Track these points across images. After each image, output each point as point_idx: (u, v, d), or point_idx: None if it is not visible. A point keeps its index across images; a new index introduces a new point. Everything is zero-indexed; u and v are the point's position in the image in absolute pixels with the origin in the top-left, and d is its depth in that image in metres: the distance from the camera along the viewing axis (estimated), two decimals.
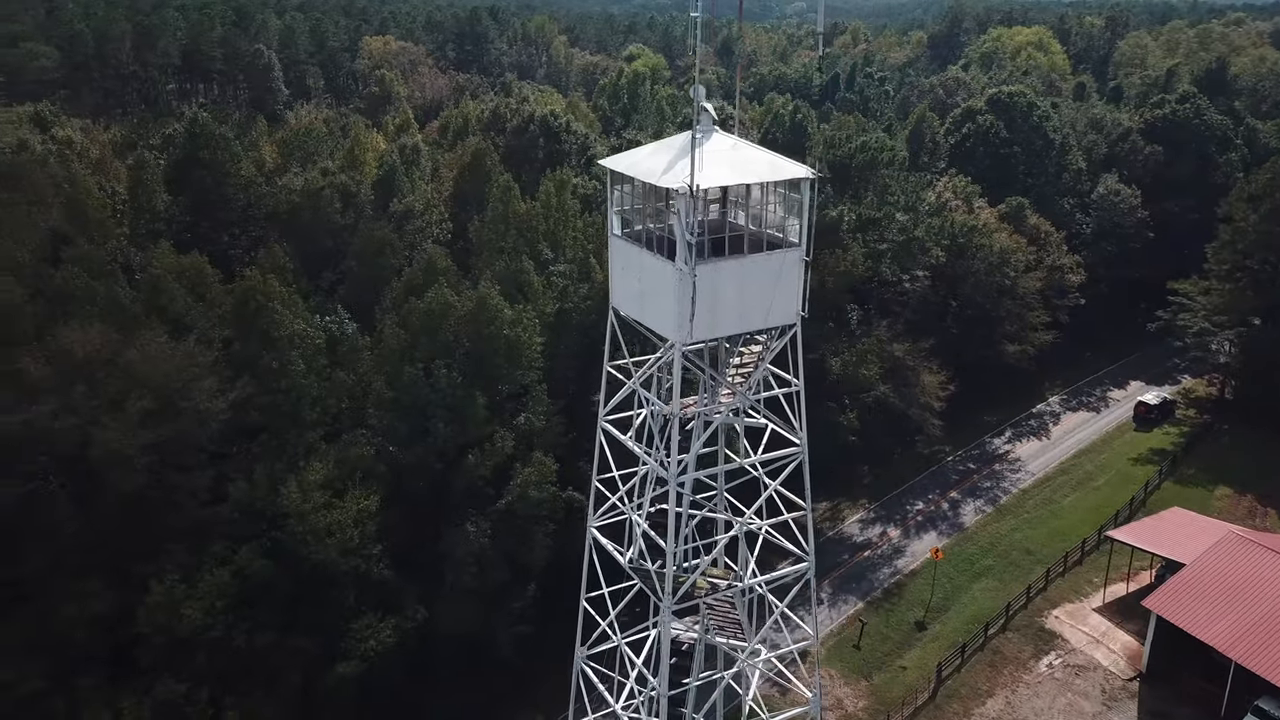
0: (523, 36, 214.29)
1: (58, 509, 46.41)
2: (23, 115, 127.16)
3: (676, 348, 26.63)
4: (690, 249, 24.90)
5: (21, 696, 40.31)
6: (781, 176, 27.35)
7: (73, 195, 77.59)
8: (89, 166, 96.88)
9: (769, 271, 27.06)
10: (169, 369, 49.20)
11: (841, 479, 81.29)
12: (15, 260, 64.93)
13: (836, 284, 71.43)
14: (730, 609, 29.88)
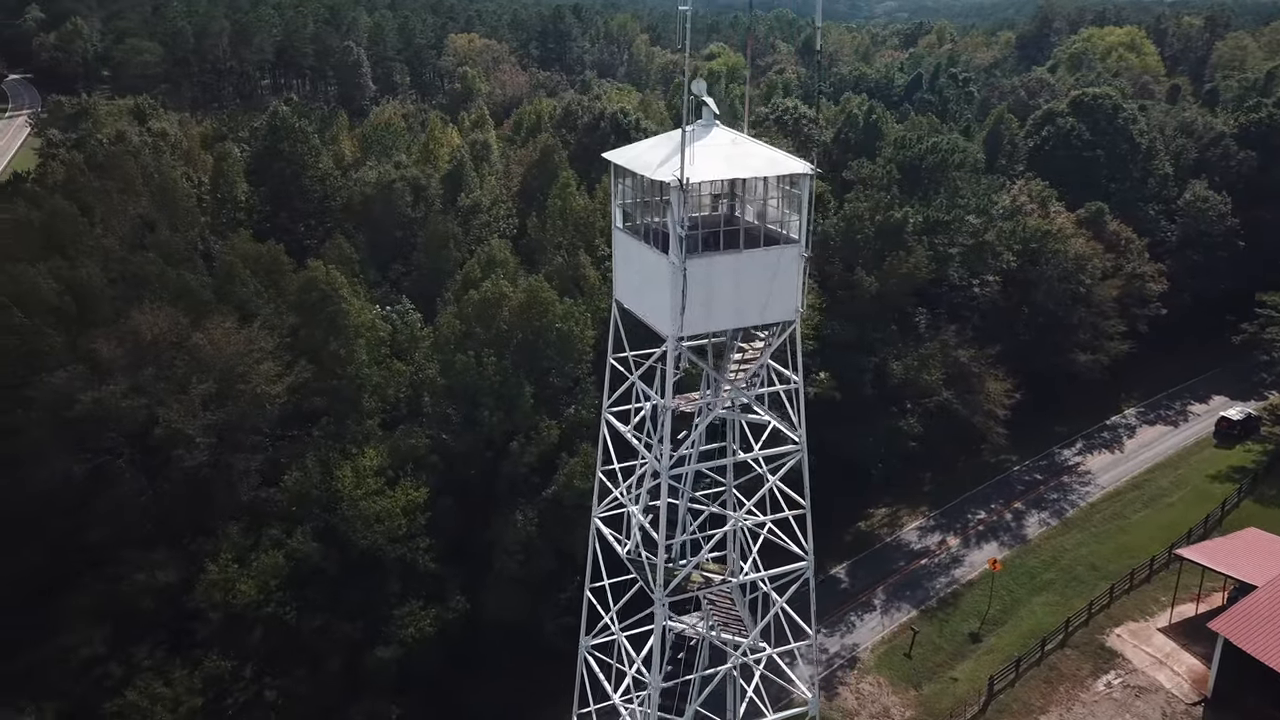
0: (605, 35, 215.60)
1: (125, 484, 48.55)
2: (124, 108, 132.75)
3: (669, 341, 26.79)
4: (681, 242, 25.05)
5: (81, 661, 42.29)
6: (779, 171, 27.18)
7: (159, 185, 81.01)
8: (180, 158, 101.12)
9: (766, 267, 26.92)
10: (231, 353, 51.04)
11: (902, 485, 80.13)
12: (103, 246, 68.17)
13: (899, 287, 70.31)
14: (730, 605, 29.79)
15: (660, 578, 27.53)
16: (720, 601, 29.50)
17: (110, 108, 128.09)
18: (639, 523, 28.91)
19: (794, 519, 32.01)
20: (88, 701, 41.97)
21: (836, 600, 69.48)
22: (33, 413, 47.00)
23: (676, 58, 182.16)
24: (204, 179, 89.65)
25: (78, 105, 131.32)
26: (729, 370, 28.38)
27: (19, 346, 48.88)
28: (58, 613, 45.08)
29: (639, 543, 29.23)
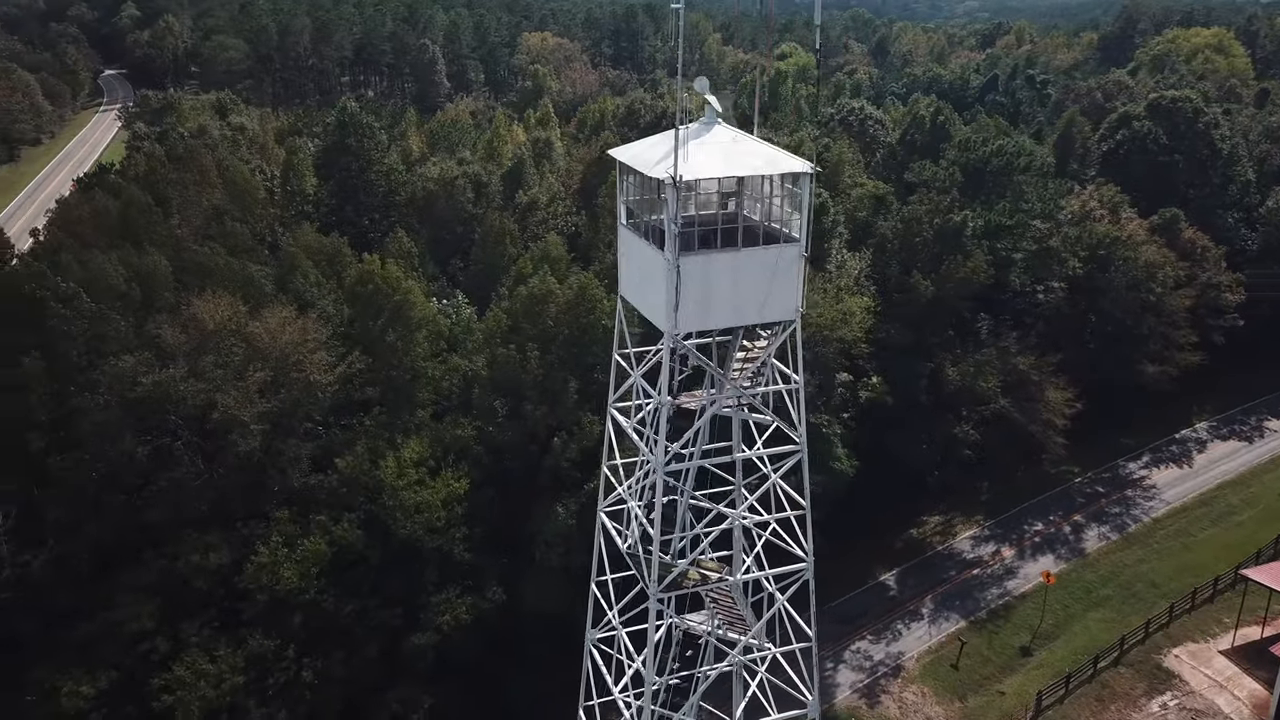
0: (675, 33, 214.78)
1: (183, 466, 50.27)
2: (206, 103, 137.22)
3: (666, 337, 26.78)
4: (675, 239, 25.03)
5: (130, 635, 43.95)
6: (778, 170, 27.01)
7: (231, 177, 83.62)
8: (255, 152, 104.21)
9: (765, 266, 26.77)
10: (286, 342, 52.48)
11: (958, 493, 78.70)
12: (175, 235, 70.68)
13: (956, 291, 69.06)
14: (732, 603, 29.66)
15: (655, 573, 27.61)
16: (723, 600, 29.42)
17: (194, 102, 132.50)
18: (638, 518, 29.01)
19: (795, 519, 31.70)
20: (136, 674, 43.64)
21: (883, 607, 68.64)
22: (98, 395, 48.92)
23: (748, 57, 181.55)
24: (276, 172, 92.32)
25: (163, 100, 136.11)
26: (732, 369, 28.28)
27: (87, 331, 50.91)
28: (115, 588, 46.85)
29: (638, 538, 29.31)
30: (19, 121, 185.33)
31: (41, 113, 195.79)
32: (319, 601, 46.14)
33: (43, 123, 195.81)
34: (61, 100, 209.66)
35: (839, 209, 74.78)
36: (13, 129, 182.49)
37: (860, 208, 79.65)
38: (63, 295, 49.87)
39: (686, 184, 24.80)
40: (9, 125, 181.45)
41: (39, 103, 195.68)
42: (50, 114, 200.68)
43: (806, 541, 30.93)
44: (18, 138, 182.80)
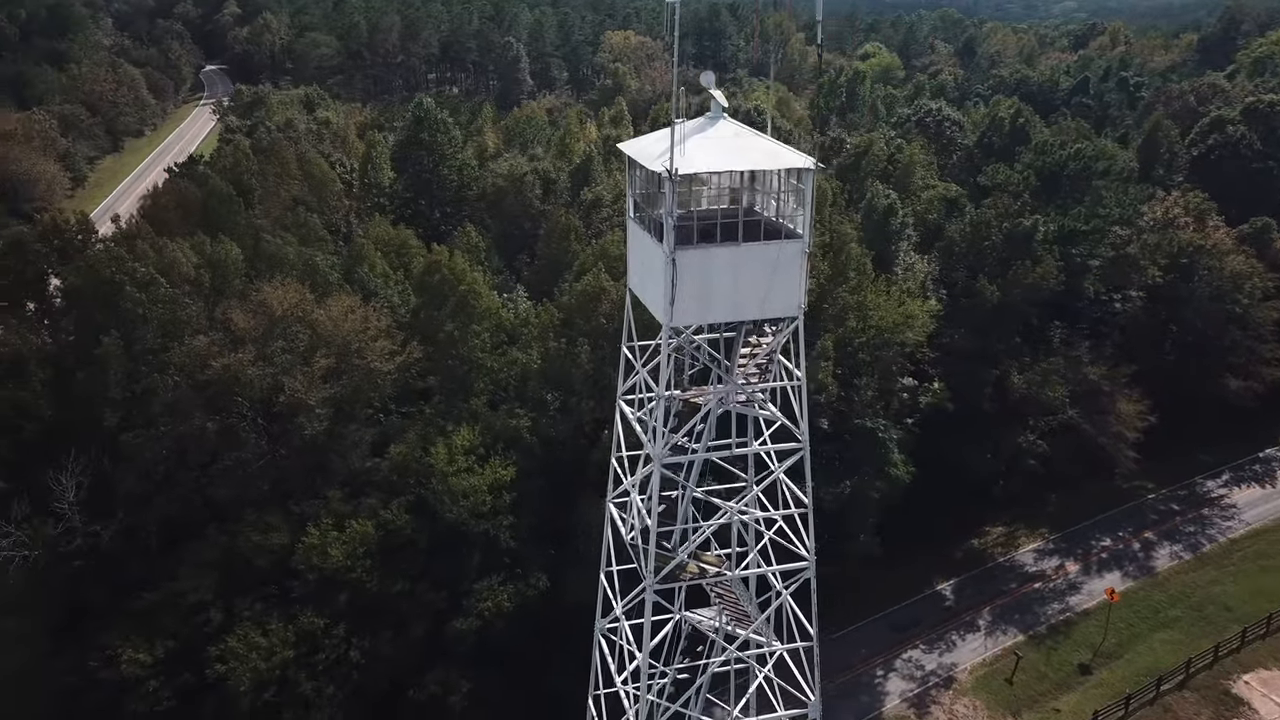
0: (760, 33, 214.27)
1: (248, 446, 52.18)
2: (295, 97, 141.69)
3: (665, 329, 26.76)
4: (670, 232, 25.01)
5: (189, 606, 45.80)
6: (778, 165, 26.77)
7: (310, 170, 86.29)
8: (337, 145, 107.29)
9: (765, 261, 26.57)
10: (349, 330, 54.01)
11: (1023, 504, 76.84)
12: (254, 224, 73.23)
13: (1024, 297, 67.41)
14: (736, 598, 29.53)
15: (650, 564, 27.72)
16: (727, 596, 29.37)
17: (282, 97, 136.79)
18: (638, 509, 29.14)
19: (798, 517, 31.43)
20: (193, 643, 45.45)
21: (938, 617, 67.45)
22: (169, 376, 51.07)
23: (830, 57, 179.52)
24: (355, 165, 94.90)
25: (254, 94, 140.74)
26: (736, 365, 28.20)
27: (161, 314, 53.15)
28: (179, 561, 48.89)
29: (640, 530, 29.45)
30: (124, 114, 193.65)
31: (145, 106, 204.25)
32: (366, 581, 47.37)
33: (146, 115, 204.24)
34: (164, 94, 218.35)
35: (907, 211, 73.69)
36: (118, 121, 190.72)
37: (931, 210, 78.37)
38: (139, 280, 52.14)
39: (685, 178, 24.98)
40: (115, 118, 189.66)
41: (143, 96, 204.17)
42: (153, 107, 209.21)
43: (808, 540, 30.65)
44: (122, 129, 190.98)
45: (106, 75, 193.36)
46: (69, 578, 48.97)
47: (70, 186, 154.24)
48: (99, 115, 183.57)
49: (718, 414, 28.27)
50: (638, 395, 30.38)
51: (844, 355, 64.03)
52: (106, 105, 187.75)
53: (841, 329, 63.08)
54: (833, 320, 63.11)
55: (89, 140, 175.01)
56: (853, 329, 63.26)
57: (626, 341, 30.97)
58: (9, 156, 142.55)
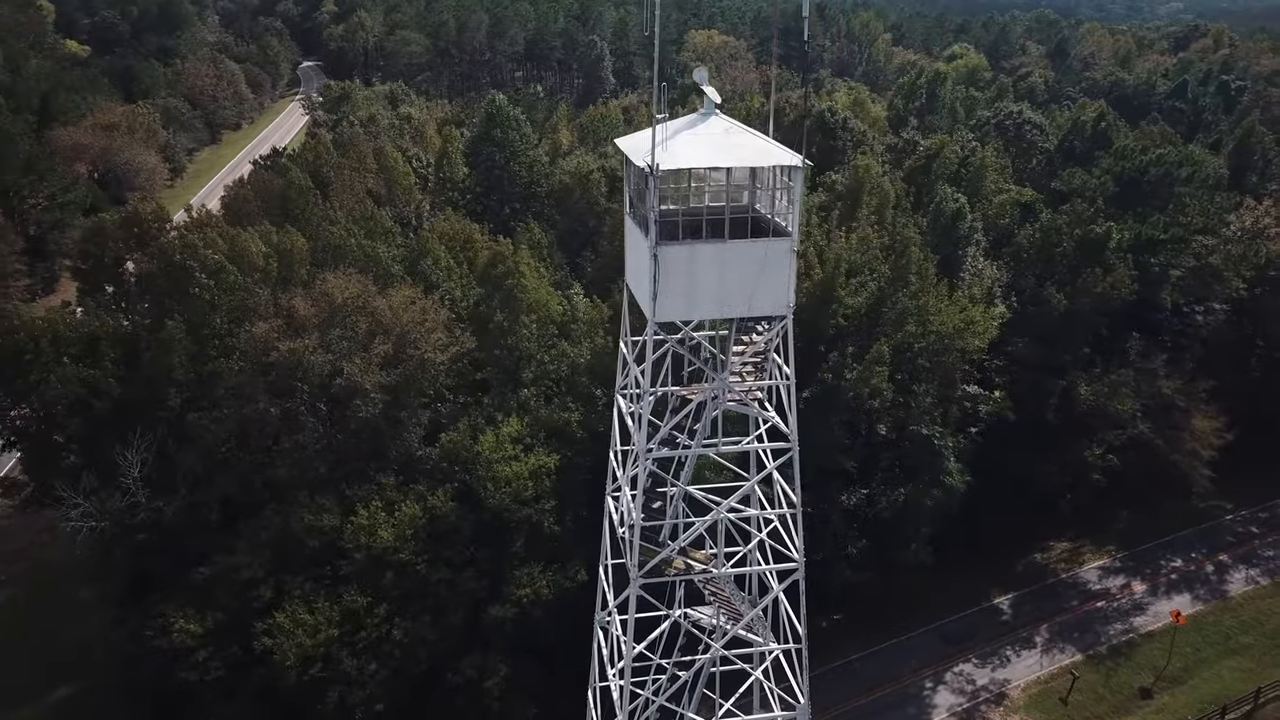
0: (846, 33, 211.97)
1: (307, 429, 53.83)
2: (380, 93, 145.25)
3: (650, 324, 26.66)
4: (653, 226, 24.93)
5: (242, 582, 47.51)
6: (765, 162, 26.53)
7: (386, 164, 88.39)
8: (417, 140, 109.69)
9: (752, 259, 26.30)
10: (407, 320, 55.29)
11: (1091, 520, 74.59)
12: (329, 216, 75.37)
13: (1093, 306, 65.31)
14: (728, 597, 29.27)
15: (635, 557, 27.69)
16: (720, 594, 29.20)
17: (367, 93, 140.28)
18: (628, 503, 29.16)
19: (789, 518, 31.03)
20: (242, 617, 47.13)
21: (993, 631, 65.92)
22: (233, 360, 53.03)
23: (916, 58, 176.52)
24: (431, 160, 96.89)
25: (341, 90, 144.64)
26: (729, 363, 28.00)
27: (229, 300, 55.19)
28: (236, 537, 50.75)
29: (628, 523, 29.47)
30: (223, 108, 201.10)
31: (243, 100, 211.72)
32: (413, 564, 48.45)
33: (244, 109, 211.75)
34: (262, 89, 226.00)
35: (976, 216, 72.09)
36: (217, 114, 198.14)
37: (1003, 215, 76.50)
38: (208, 266, 54.23)
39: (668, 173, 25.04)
40: (214, 111, 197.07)
41: (242, 90, 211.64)
42: (251, 101, 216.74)
43: (797, 541, 30.35)
44: (220, 123, 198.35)
45: (208, 70, 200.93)
46: (133, 549, 51.24)
47: (169, 177, 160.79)
48: (199, 109, 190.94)
49: (712, 413, 28.22)
50: (632, 390, 30.49)
51: (903, 360, 63.04)
52: (207, 99, 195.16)
53: (900, 333, 62.08)
54: (892, 324, 62.14)
55: (189, 133, 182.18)
56: (912, 334, 62.19)
57: (624, 336, 31.11)
58: (113, 147, 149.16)
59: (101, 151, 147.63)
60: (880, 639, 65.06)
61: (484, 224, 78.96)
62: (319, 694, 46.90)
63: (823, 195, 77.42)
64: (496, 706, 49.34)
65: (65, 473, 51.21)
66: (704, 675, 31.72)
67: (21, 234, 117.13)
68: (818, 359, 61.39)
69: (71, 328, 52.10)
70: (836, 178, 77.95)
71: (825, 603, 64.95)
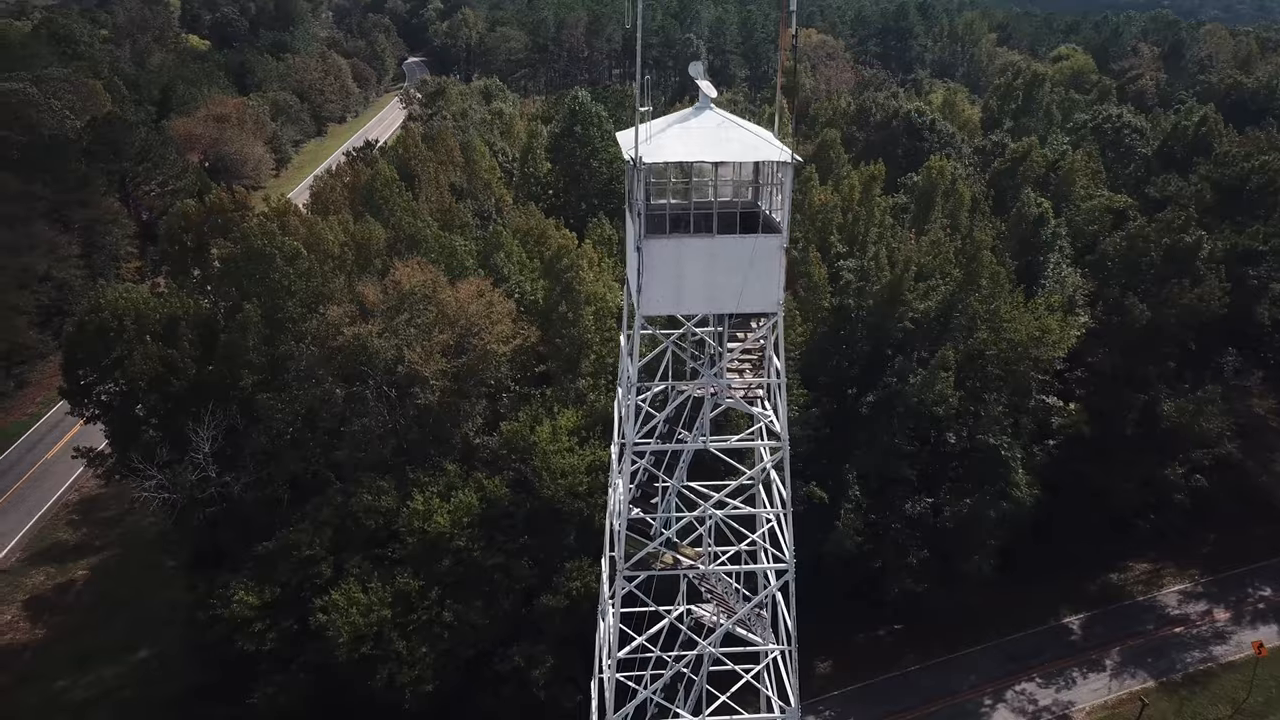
0: (948, 33, 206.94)
1: (370, 413, 55.35)
2: (476, 89, 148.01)
3: (636, 317, 26.41)
4: (637, 219, 24.70)
5: (302, 559, 49.18)
6: (752, 158, 26.03)
7: (471, 157, 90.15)
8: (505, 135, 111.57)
9: (741, 255, 25.86)
10: (473, 311, 56.33)
11: (1174, 542, 71.47)
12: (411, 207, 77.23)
13: (1179, 319, 62.49)
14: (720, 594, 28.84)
15: (621, 549, 27.58)
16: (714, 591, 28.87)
17: (462, 88, 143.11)
18: (620, 495, 29.07)
19: (779, 518, 30.47)
20: (301, 593, 48.80)
21: (1060, 651, 63.83)
22: (306, 344, 54.88)
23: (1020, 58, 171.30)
24: (517, 155, 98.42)
25: (437, 85, 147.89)
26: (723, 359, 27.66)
27: (305, 287, 57.11)
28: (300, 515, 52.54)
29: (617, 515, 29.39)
30: (330, 101, 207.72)
31: (349, 94, 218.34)
32: (468, 549, 49.40)
33: (349, 103, 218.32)
34: (368, 83, 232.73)
35: (1060, 221, 69.78)
36: (324, 108, 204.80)
37: (1092, 221, 73.85)
38: (286, 253, 56.22)
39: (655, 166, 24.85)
40: (321, 104, 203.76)
41: (348, 85, 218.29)
42: (357, 95, 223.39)
43: (787, 542, 29.83)
44: (326, 115, 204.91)
45: (316, 65, 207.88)
46: (205, 522, 53.53)
47: (275, 167, 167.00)
48: (307, 102, 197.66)
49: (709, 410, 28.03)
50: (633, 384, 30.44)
51: (974, 368, 61.53)
52: (314, 93, 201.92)
53: (971, 340, 60.57)
54: (962, 331, 60.67)
55: (296, 125, 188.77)
56: (984, 340, 60.61)
57: (624, 330, 31.10)
58: (224, 138, 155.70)
59: (213, 141, 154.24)
60: (939, 651, 63.64)
61: (561, 219, 79.81)
62: (369, 671, 48.25)
63: (903, 197, 76.04)
64: (543, 695, 49.99)
65: (143, 446, 53.79)
66: (703, 673, 31.58)
67: (135, 218, 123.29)
68: (883, 363, 60.40)
69: (154, 308, 54.71)
70: (918, 180, 76.45)
71: (884, 612, 63.98)
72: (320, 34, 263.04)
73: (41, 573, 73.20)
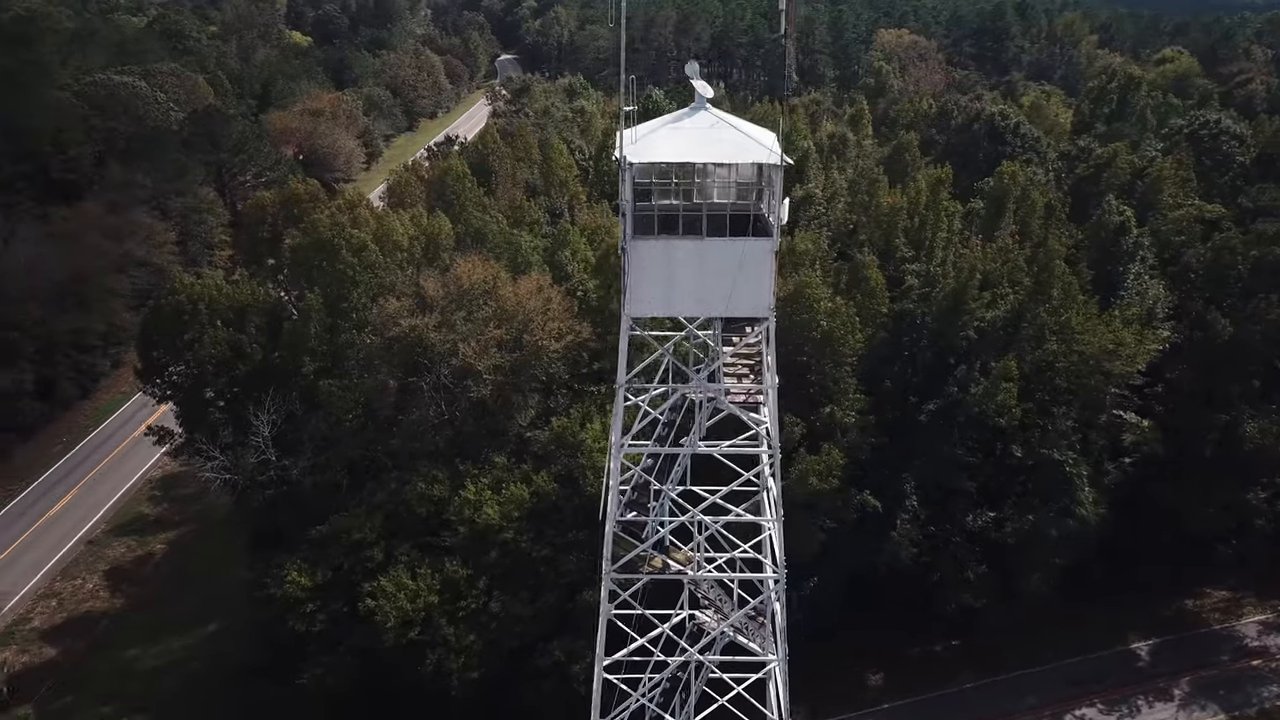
0: (1046, 34, 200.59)
1: (425, 403, 56.39)
2: (560, 86, 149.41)
3: (624, 319, 25.99)
4: (624, 220, 24.28)
5: (352, 543, 50.38)
6: (741, 159, 25.38)
7: (547, 154, 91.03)
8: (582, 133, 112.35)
9: (730, 258, 25.31)
10: (531, 308, 56.90)
11: (1258, 569, 68.11)
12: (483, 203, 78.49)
13: (1264, 335, 59.46)
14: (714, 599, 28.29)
15: (607, 551, 27.30)
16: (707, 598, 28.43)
17: (546, 86, 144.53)
18: (614, 497, 28.77)
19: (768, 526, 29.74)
20: (350, 577, 49.96)
21: (1125, 677, 61.54)
22: (367, 334, 56.21)
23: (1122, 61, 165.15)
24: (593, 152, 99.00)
25: (521, 82, 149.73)
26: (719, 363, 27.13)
27: (371, 279, 58.47)
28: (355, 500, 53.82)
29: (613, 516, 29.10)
30: (422, 97, 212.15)
31: (441, 90, 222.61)
32: (515, 541, 49.94)
33: (441, 99, 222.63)
34: (460, 79, 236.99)
35: (1144, 231, 67.08)
36: (416, 103, 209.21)
37: (1180, 231, 70.80)
38: (352, 245, 57.65)
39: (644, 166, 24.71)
40: (413, 100, 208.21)
41: (440, 81, 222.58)
42: (448, 92, 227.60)
43: (777, 551, 29.16)
44: (418, 111, 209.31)
45: (410, 61, 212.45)
46: (265, 503, 55.25)
47: (366, 161, 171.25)
48: (400, 97, 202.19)
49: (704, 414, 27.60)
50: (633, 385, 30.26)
51: (1042, 380, 59.65)
52: (407, 89, 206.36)
53: (1039, 351, 58.71)
54: (1030, 341, 58.85)
55: (388, 119, 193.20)
56: (1054, 352, 58.70)
57: None
58: (318, 132, 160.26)
59: (307, 135, 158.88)
60: (997, 670, 61.92)
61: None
62: (417, 657, 49.12)
63: (979, 203, 74.07)
64: (583, 690, 50.18)
65: (208, 427, 55.80)
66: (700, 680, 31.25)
67: (229, 208, 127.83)
68: (946, 371, 58.99)
69: (225, 294, 56.70)
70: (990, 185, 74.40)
71: (939, 625, 62.47)
72: (417, 31, 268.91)
73: (123, 545, 76.65)
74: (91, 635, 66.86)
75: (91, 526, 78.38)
